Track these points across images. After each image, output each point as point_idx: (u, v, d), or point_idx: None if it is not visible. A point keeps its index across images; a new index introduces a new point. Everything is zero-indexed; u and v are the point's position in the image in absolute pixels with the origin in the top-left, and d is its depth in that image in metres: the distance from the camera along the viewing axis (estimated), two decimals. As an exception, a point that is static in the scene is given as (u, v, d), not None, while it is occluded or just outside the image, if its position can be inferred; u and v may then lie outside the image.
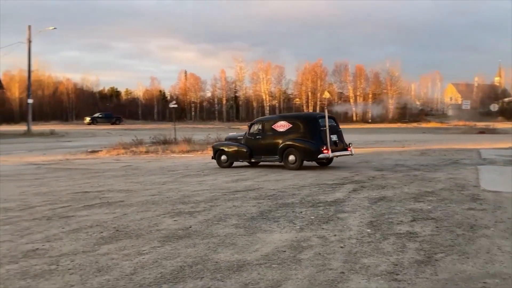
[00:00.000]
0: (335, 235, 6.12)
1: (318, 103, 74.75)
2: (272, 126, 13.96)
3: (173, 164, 16.83)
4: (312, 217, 7.16)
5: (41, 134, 37.50)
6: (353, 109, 73.99)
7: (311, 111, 71.61)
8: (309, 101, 75.62)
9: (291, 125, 13.64)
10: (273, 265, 4.94)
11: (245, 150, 14.36)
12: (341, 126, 14.70)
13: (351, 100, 75.70)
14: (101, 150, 23.09)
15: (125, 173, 14.29)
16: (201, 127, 51.63)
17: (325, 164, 14.10)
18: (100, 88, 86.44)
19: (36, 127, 42.63)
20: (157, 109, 79.62)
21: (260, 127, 14.30)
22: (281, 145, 13.49)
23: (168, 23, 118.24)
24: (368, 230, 6.32)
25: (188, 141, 24.61)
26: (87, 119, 61.57)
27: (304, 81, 76.83)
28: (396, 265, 4.88)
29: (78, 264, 5.10)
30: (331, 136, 13.25)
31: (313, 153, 13.14)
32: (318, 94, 75.36)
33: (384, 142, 27.62)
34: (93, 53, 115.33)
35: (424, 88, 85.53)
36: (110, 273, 4.79)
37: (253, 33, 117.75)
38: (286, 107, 76.22)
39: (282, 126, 13.72)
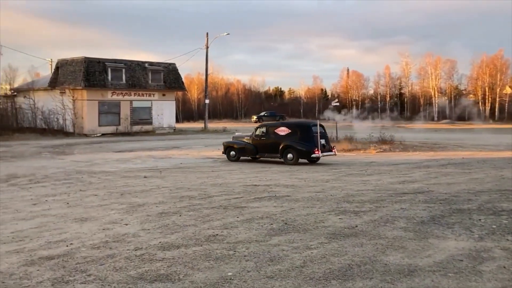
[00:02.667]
0: (523, 248, 5.42)
1: (497, 99, 66.67)
2: (275, 130, 16.90)
3: (335, 162, 16.90)
4: (494, 226, 6.45)
5: (215, 131, 41.30)
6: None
7: (487, 107, 64.51)
8: (486, 97, 67.92)
9: (290, 131, 16.60)
10: (449, 274, 4.61)
11: (251, 147, 17.29)
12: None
13: (541, 96, 65.60)
14: (267, 147, 24.38)
15: (289, 169, 14.87)
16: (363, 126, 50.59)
17: (315, 161, 16.80)
18: (266, 88, 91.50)
19: (211, 125, 47.13)
20: (318, 107, 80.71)
21: (264, 130, 17.26)
22: (282, 146, 16.41)
23: (328, 22, 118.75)
24: None
25: (349, 139, 24.42)
26: (254, 117, 65.72)
27: (481, 76, 69.22)
28: None
29: (253, 252, 5.50)
30: (321, 140, 16.26)
31: (307, 153, 16.22)
32: (498, 90, 67.20)
33: None
34: (259, 55, 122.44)
35: None
36: (281, 264, 5.05)
37: (418, 26, 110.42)
38: (457, 104, 69.76)
39: (283, 130, 16.71)
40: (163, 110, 40.02)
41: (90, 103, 35.34)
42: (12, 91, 38.80)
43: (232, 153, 17.78)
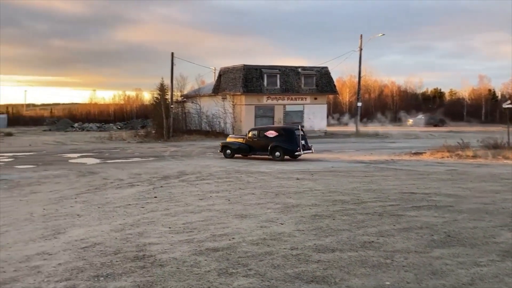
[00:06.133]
0: None
1: None
2: (265, 133, 20.40)
3: (506, 172, 15.04)
4: None
5: (367, 135, 40.28)
6: None
7: None
8: None
9: (277, 133, 20.15)
10: None
11: (245, 147, 20.72)
12: None
13: None
14: (424, 152, 22.89)
15: (451, 177, 13.72)
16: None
17: (296, 157, 19.87)
18: (423, 90, 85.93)
19: (362, 128, 46.09)
20: (485, 109, 72.86)
21: (256, 133, 20.72)
22: (271, 145, 19.82)
23: (493, 17, 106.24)
24: None
25: (525, 146, 21.45)
26: (410, 120, 62.29)
27: None
28: None
29: (412, 263, 5.21)
30: (302, 141, 19.79)
31: (291, 151, 19.67)
32: None
33: None
34: (414, 55, 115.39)
35: None
36: (445, 278, 4.69)
37: None
38: None
39: (271, 133, 20.23)
40: (315, 114, 40.51)
41: (247, 108, 37.62)
42: (182, 97, 43.46)
43: (228, 151, 20.95)
